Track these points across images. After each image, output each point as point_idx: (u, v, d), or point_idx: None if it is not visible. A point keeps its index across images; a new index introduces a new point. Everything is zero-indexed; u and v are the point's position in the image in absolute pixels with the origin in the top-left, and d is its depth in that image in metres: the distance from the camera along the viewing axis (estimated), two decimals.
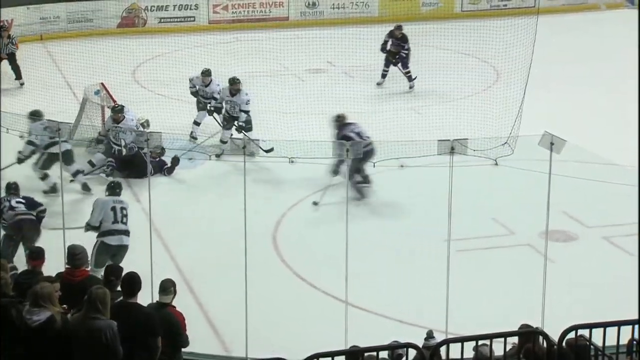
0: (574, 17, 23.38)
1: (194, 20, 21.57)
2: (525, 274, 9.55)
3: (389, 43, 16.82)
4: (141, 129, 13.02)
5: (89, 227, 9.58)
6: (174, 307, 6.86)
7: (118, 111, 12.85)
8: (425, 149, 9.07)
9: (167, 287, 6.83)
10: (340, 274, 8.06)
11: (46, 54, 18.76)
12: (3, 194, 10.14)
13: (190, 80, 14.44)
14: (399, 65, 16.87)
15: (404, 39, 16.78)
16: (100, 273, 8.33)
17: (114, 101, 13.49)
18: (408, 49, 16.75)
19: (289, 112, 14.57)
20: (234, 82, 13.67)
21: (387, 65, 16.99)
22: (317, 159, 11.54)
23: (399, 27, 16.90)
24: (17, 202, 10.04)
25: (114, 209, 9.62)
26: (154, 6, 21.42)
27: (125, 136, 12.71)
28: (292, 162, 12.51)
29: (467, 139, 8.43)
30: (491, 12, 22.46)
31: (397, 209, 11.77)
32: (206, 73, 14.35)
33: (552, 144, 7.56)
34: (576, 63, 18.73)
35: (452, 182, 7.79)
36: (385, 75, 17.04)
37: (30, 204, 10.15)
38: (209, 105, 14.18)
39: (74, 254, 7.24)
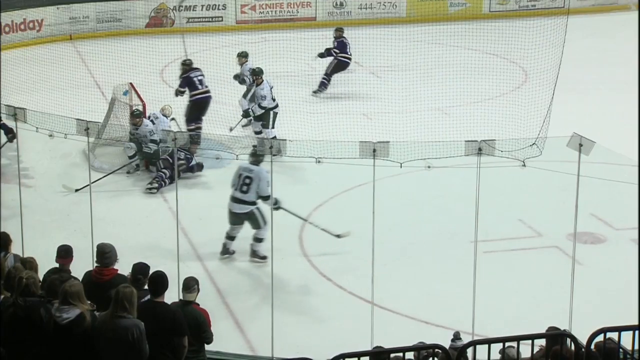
0: (604, 17, 23.18)
1: (221, 20, 21.62)
2: (553, 276, 9.49)
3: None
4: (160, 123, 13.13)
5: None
6: (198, 304, 6.89)
7: (136, 116, 13.02)
8: (453, 149, 9.01)
9: (191, 284, 6.86)
10: (367, 275, 8.04)
11: (75, 53, 18.88)
12: None
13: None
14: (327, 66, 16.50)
15: (336, 39, 16.50)
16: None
17: (142, 101, 13.56)
18: (338, 52, 16.37)
19: (316, 112, 14.56)
20: (255, 73, 13.84)
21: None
22: (344, 159, 11.51)
23: (337, 29, 16.73)
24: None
25: (239, 176, 10.15)
26: (182, 6, 21.48)
27: (145, 140, 12.85)
28: (319, 162, 12.45)
29: (494, 139, 8.39)
30: (520, 13, 22.32)
31: (424, 210, 11.74)
32: (242, 54, 14.70)
33: (580, 145, 7.51)
34: (605, 64, 18.58)
35: (480, 183, 7.76)
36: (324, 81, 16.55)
37: None
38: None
39: (103, 253, 7.28)
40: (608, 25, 22.28)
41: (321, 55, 16.58)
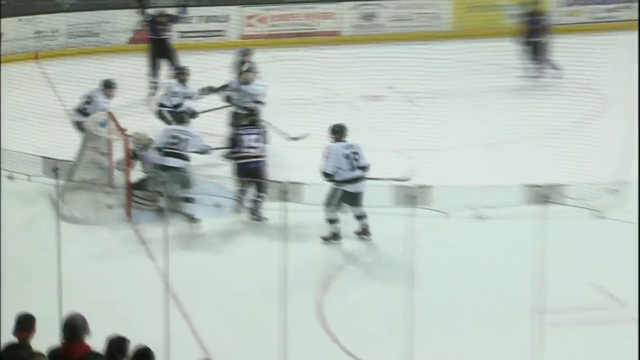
0: None
1: (223, 35, 21.78)
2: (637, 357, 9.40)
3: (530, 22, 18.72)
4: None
5: (325, 175, 11.94)
6: None
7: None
8: (510, 196, 9.03)
9: None
10: (401, 349, 8.01)
11: (41, 75, 19.05)
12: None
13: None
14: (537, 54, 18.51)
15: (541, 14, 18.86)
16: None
17: (124, 134, 13.65)
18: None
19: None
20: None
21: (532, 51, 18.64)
22: (375, 207, 11.53)
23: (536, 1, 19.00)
24: (256, 139, 13.01)
25: (347, 156, 11.98)
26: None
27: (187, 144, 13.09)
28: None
29: (564, 184, 8.39)
30: (594, 26, 22.39)
31: (473, 270, 11.69)
32: (251, 69, 15.37)
33: None
34: None
35: (545, 239, 7.74)
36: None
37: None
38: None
39: (72, 325, 7.26)
40: None
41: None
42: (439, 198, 9.70)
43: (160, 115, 15.29)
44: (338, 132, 12.28)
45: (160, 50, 18.14)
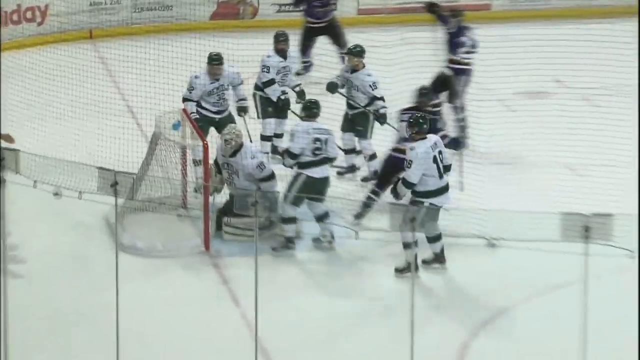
0: None
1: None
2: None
3: None
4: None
5: (408, 185, 11.97)
6: None
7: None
8: None
9: None
10: None
11: (97, 59, 19.34)
12: None
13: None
14: None
15: None
16: None
17: (201, 137, 13.78)
18: None
19: (490, 160, 14.54)
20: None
21: None
22: (534, 241, 11.43)
23: None
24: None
25: (435, 159, 12.00)
26: None
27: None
28: (494, 245, 12.40)
29: None
30: None
31: None
32: (356, 52, 15.30)
33: None
34: None
35: None
36: None
37: None
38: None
39: None
40: None
41: None
42: (624, 231, 9.57)
43: (255, 101, 15.53)
44: (417, 125, 12.03)
45: (318, 33, 18.18)
